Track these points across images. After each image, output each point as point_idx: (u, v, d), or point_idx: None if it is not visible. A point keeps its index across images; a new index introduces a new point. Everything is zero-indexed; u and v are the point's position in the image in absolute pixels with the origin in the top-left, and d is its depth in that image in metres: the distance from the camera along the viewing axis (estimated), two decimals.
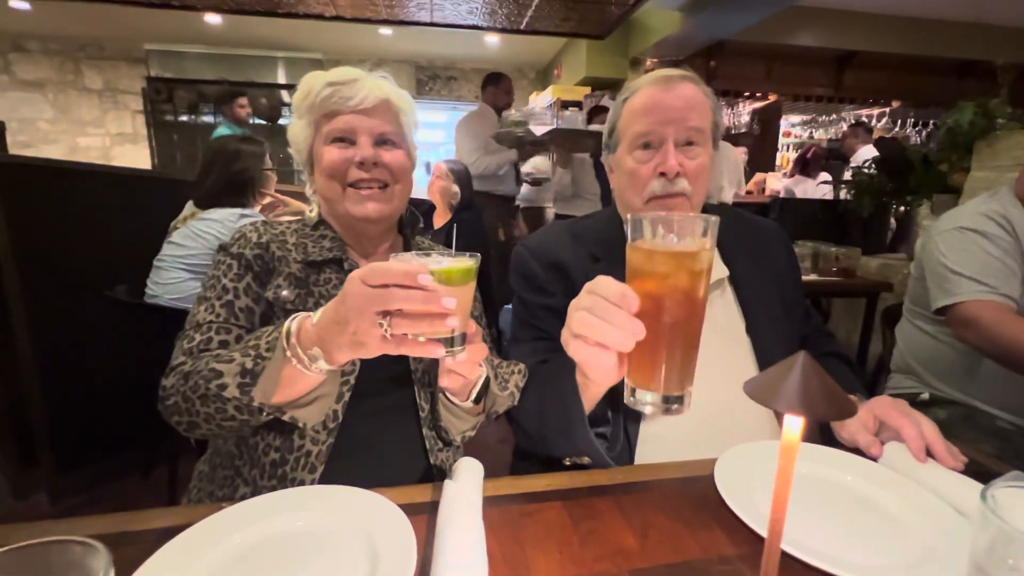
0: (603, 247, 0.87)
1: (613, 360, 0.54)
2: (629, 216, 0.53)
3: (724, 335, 0.85)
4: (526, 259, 0.91)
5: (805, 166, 4.57)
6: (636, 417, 0.78)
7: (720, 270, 0.88)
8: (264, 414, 0.61)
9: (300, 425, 0.65)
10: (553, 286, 0.87)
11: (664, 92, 0.81)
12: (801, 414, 0.29)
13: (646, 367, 0.52)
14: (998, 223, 1.18)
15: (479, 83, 3.91)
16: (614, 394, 0.70)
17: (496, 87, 3.73)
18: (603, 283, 0.53)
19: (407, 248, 0.93)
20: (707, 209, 0.93)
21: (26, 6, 4.70)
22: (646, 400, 0.52)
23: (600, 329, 0.52)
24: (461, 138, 3.59)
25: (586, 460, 0.68)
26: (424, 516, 0.55)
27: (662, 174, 0.80)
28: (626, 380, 0.55)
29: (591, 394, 0.67)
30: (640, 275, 0.52)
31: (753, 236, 0.95)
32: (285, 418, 0.63)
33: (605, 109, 3.58)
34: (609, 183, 0.94)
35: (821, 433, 0.79)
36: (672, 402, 0.52)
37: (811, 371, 0.29)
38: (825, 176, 4.53)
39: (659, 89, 0.82)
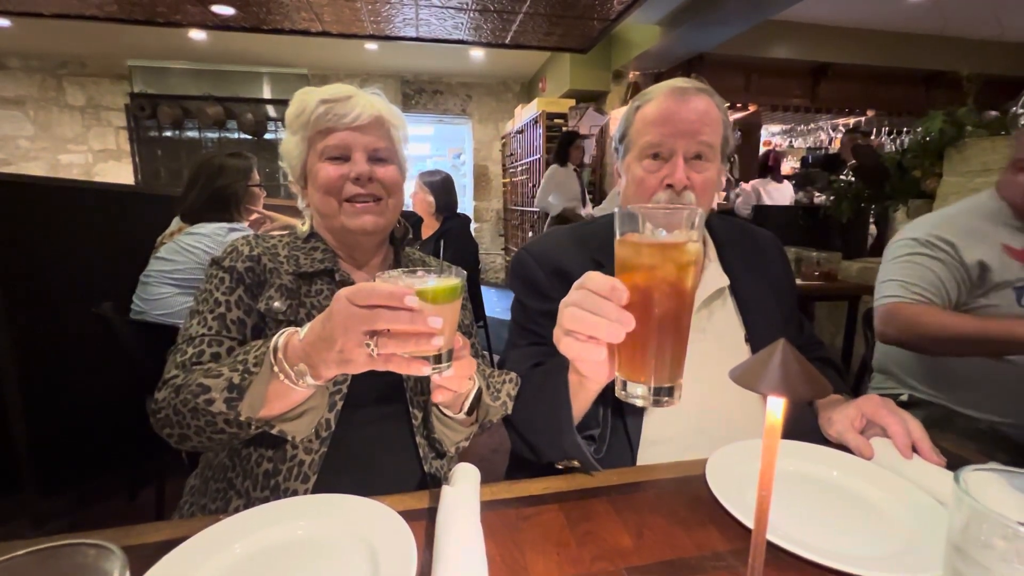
0: (606, 252, 0.87)
1: (604, 354, 0.54)
2: (616, 210, 0.53)
3: (724, 343, 0.86)
4: (529, 264, 0.91)
5: (768, 170, 4.76)
6: (637, 423, 0.79)
7: (721, 279, 0.89)
8: (253, 427, 0.62)
9: (289, 438, 0.65)
10: (555, 292, 0.86)
11: (678, 104, 0.81)
12: (783, 395, 0.31)
13: (636, 360, 0.52)
14: (942, 248, 1.17)
15: (464, 96, 3.97)
16: (605, 397, 0.71)
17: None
18: (592, 278, 0.53)
19: (397, 259, 0.94)
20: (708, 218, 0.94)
21: (6, 23, 4.66)
22: (636, 392, 0.52)
23: (590, 322, 0.52)
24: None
25: (576, 464, 0.68)
26: (422, 522, 0.56)
27: (669, 186, 0.81)
28: (617, 374, 0.55)
29: (585, 394, 0.67)
30: (628, 268, 0.52)
31: (752, 245, 0.97)
32: (274, 431, 0.63)
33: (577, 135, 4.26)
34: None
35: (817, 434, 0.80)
36: (662, 394, 0.52)
37: (790, 356, 0.31)
38: (786, 183, 4.76)
39: (673, 100, 0.82)
